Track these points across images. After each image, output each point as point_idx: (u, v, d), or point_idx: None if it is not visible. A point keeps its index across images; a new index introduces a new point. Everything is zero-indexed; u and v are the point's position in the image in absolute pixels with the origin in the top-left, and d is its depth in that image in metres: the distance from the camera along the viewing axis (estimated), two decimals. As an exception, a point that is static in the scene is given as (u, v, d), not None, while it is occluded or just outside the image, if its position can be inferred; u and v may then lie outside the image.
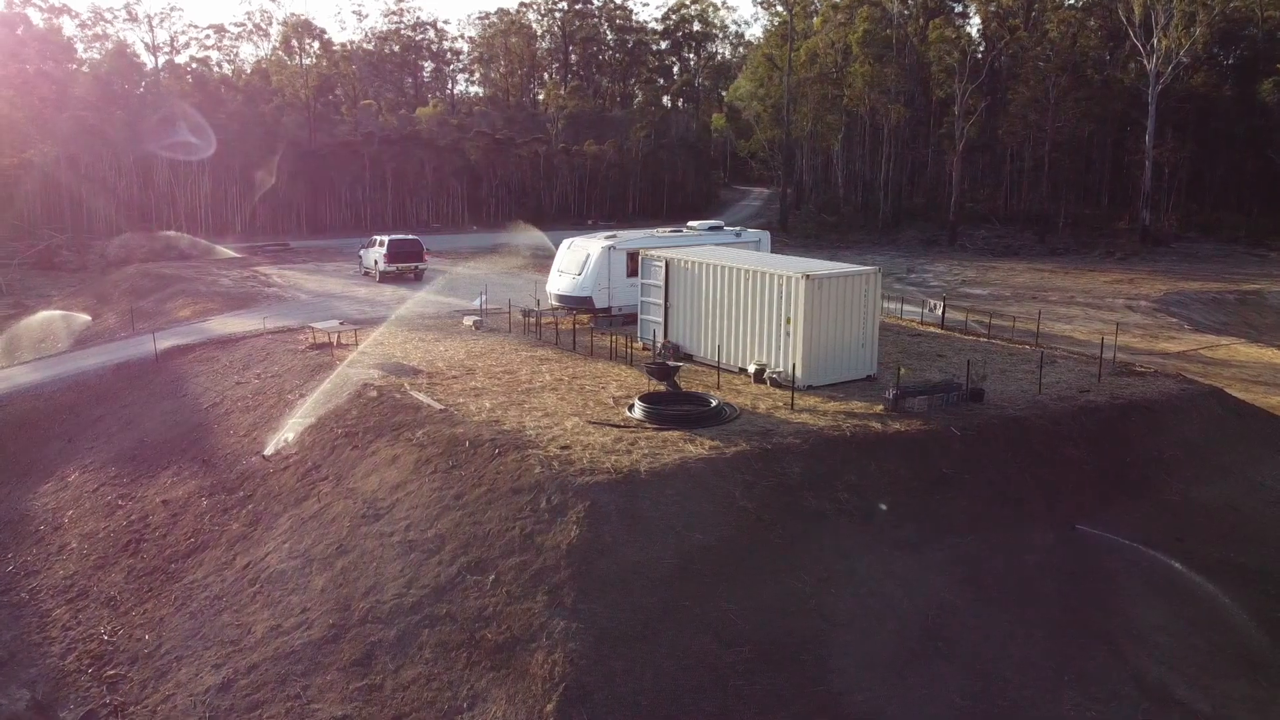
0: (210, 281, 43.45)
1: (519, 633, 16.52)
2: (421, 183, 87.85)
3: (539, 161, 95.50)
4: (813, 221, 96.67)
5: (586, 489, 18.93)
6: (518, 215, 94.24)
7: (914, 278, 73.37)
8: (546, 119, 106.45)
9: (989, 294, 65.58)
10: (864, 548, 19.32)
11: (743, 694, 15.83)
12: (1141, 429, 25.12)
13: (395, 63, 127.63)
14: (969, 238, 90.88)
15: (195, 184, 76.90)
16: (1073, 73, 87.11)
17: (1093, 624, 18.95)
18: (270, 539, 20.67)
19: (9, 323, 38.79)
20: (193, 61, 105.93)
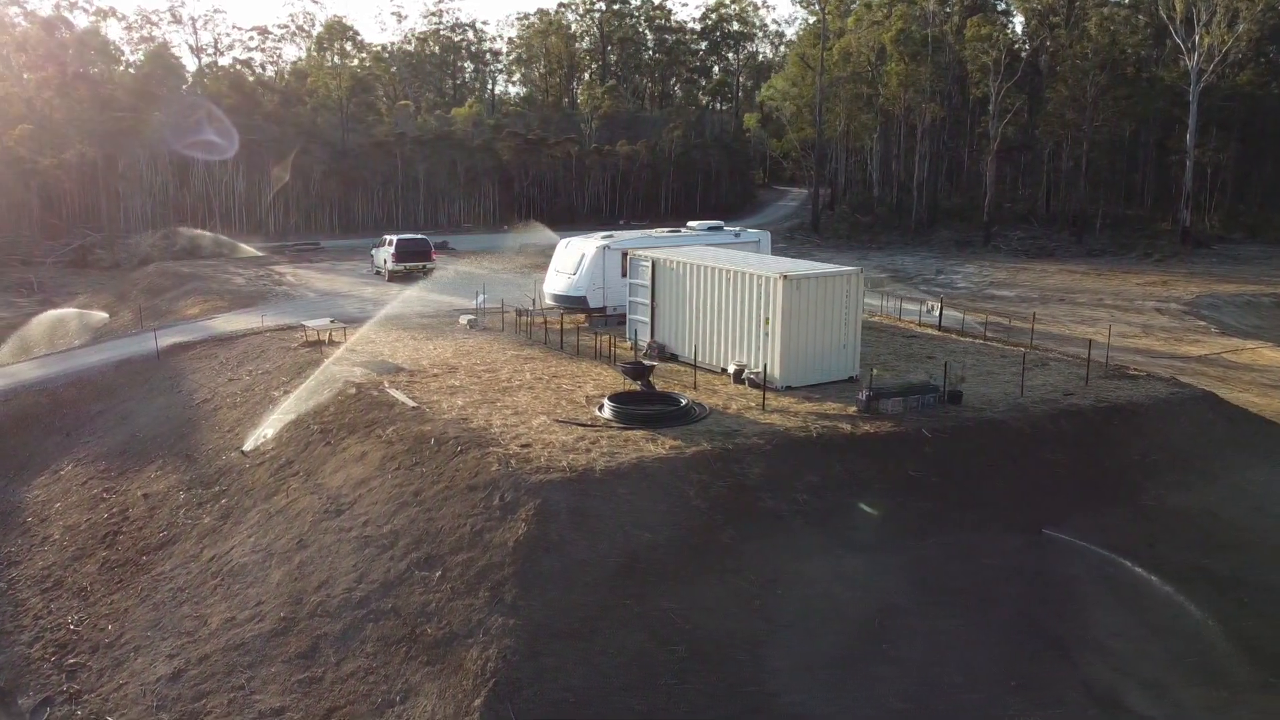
0: (224, 280, 44.25)
1: (458, 628, 16.70)
2: (453, 183, 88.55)
3: (571, 162, 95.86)
4: (846, 222, 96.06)
5: (539, 487, 19.08)
6: (549, 215, 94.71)
7: (942, 279, 72.73)
8: (581, 119, 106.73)
9: (1016, 296, 64.87)
10: (817, 549, 19.26)
11: (673, 693, 15.88)
12: (1124, 433, 24.76)
13: (434, 64, 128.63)
14: (1004, 239, 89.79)
15: (230, 184, 78.16)
16: (1112, 70, 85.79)
17: (1047, 629, 18.75)
18: (238, 533, 21.05)
19: (31, 320, 39.75)
20: (236, 63, 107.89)
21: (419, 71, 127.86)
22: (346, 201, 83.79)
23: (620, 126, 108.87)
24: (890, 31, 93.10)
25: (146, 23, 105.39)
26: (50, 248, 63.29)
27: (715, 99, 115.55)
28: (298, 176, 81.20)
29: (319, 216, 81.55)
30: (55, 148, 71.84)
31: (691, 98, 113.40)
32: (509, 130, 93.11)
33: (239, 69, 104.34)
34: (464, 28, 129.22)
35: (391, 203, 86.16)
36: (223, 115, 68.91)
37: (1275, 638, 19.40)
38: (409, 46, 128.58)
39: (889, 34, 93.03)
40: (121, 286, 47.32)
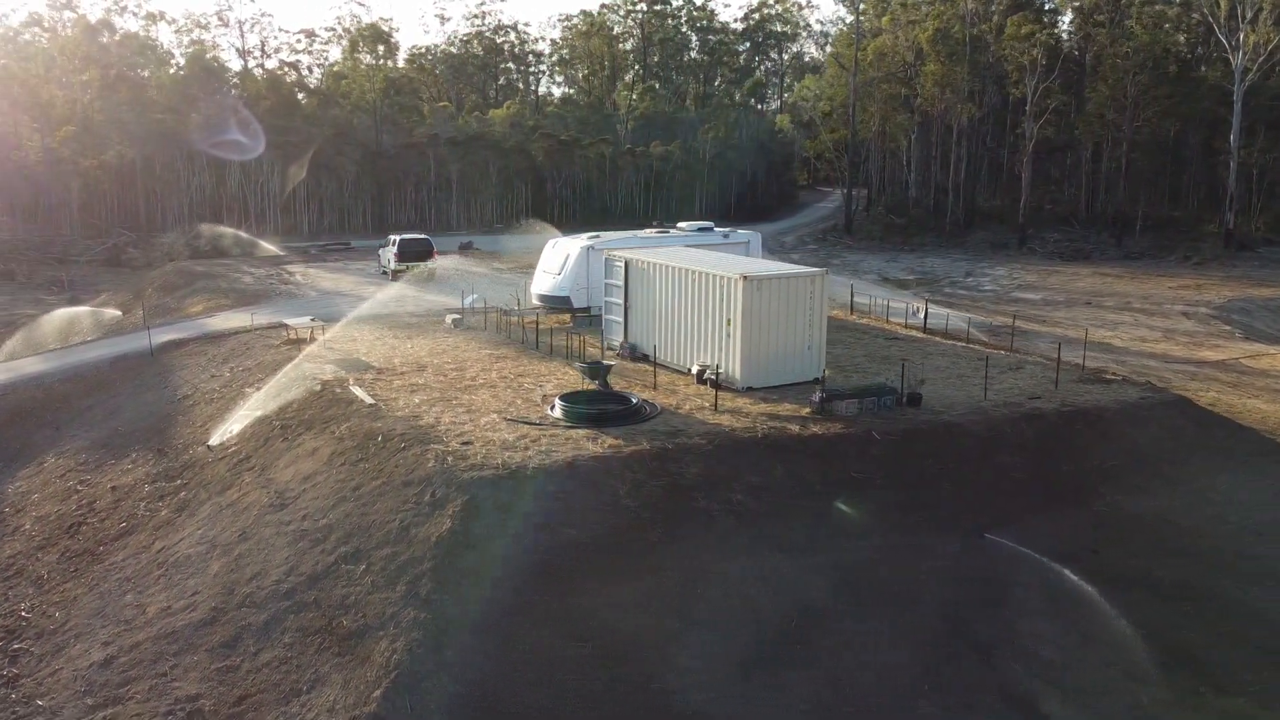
0: (233, 279, 45.21)
1: (371, 621, 17.02)
2: (486, 184, 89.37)
3: (605, 162, 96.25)
4: (880, 224, 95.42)
5: (469, 484, 19.36)
6: (583, 216, 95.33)
7: (970, 281, 72.02)
8: (617, 120, 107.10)
9: (1041, 299, 64.14)
10: (745, 550, 19.32)
11: (573, 689, 16.05)
12: (1086, 437, 24.46)
13: (476, 65, 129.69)
14: (1040, 241, 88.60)
15: (265, 184, 79.64)
16: (1153, 70, 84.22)
17: (973, 634, 18.63)
18: (189, 525, 21.60)
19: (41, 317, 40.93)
20: (283, 66, 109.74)
21: (461, 73, 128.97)
22: (380, 202, 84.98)
23: (658, 127, 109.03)
24: (927, 31, 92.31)
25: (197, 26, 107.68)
26: (86, 246, 64.95)
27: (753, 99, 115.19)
28: (332, 177, 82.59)
29: (352, 216, 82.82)
30: (96, 149, 73.76)
31: (729, 98, 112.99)
32: (542, 131, 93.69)
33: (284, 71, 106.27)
34: (506, 29, 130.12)
35: (425, 203, 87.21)
36: (251, 116, 70.20)
37: (1213, 646, 19.11)
38: (452, 49, 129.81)
39: (925, 33, 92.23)
40: (138, 284, 48.52)
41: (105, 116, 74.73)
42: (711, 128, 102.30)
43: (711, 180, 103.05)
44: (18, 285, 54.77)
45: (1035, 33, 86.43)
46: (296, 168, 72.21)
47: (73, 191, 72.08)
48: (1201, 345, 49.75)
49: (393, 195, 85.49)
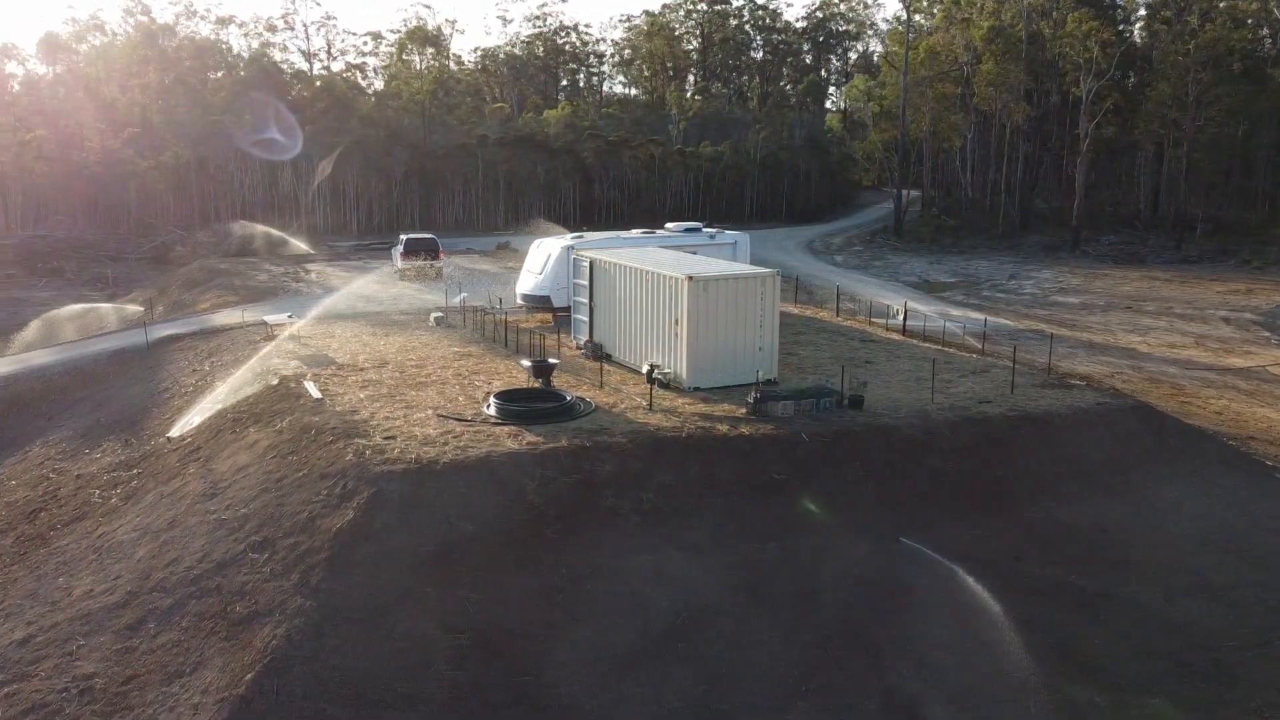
0: (249, 276, 46.55)
1: (261, 608, 17.61)
2: (534, 184, 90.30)
3: (654, 163, 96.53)
4: (931, 225, 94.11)
5: (378, 477, 19.87)
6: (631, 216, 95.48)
7: (1012, 284, 70.85)
8: (669, 120, 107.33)
9: (1080, 303, 63.02)
10: (645, 548, 19.50)
11: (444, 679, 16.43)
12: (1030, 443, 24.10)
13: (538, 66, 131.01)
14: (1095, 243, 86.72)
15: (318, 184, 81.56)
16: (1215, 67, 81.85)
17: (868, 637, 18.59)
18: (131, 513, 22.47)
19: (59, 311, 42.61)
20: (349, 67, 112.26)
21: (522, 74, 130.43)
22: (428, 202, 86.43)
23: (712, 128, 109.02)
24: (982, 29, 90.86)
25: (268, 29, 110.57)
26: (137, 245, 67.27)
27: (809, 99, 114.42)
28: (381, 177, 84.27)
29: (401, 216, 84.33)
30: (154, 150, 76.33)
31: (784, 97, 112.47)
32: (591, 132, 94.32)
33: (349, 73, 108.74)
34: (567, 30, 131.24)
35: (473, 203, 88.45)
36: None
37: (1121, 658, 18.83)
38: (515, 50, 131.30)
39: (980, 31, 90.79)
40: (165, 281, 50.23)
41: (163, 118, 77.25)
42: (763, 127, 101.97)
43: (762, 181, 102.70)
44: (65, 282, 57.00)
45: (1095, 29, 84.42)
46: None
47: (130, 191, 74.63)
48: (1232, 351, 48.47)
49: (441, 195, 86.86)
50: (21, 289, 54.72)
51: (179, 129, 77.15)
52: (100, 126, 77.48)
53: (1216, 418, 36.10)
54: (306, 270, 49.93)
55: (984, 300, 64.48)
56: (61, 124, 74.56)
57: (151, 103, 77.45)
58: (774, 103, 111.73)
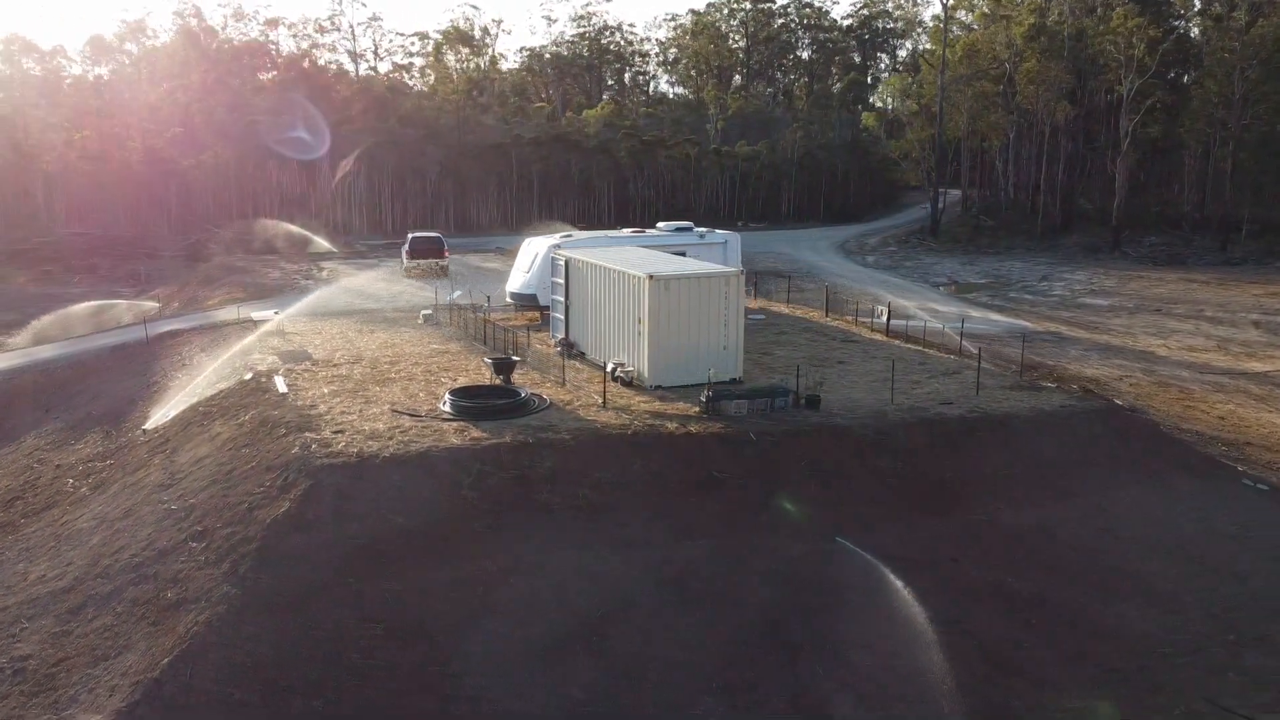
0: (262, 274, 47.59)
1: (190, 595, 18.16)
2: (568, 184, 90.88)
3: (689, 162, 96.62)
4: (968, 226, 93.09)
5: (318, 470, 20.36)
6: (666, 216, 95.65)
7: (1042, 286, 69.98)
8: (708, 119, 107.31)
9: (1109, 305, 62.17)
10: (575, 543, 19.76)
11: (353, 667, 16.84)
12: (985, 445, 23.96)
13: (581, 65, 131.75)
14: (1136, 244, 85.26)
15: (353, 183, 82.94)
16: (1263, 65, 79.98)
17: (788, 635, 18.68)
18: (95, 502, 23.23)
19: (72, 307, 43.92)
20: (395, 68, 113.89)
21: (566, 73, 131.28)
22: (463, 201, 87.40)
23: (753, 127, 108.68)
24: (1023, 26, 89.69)
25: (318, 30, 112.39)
26: (173, 242, 68.94)
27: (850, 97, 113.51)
28: (416, 177, 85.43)
29: (436, 215, 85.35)
30: (194, 150, 78.12)
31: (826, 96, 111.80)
32: (625, 131, 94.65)
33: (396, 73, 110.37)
34: (612, 30, 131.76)
35: (507, 203, 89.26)
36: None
37: (1045, 659, 18.75)
38: (560, 50, 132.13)
39: (1021, 28, 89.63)
40: (185, 278, 51.50)
41: (204, 119, 79.00)
42: (800, 126, 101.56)
43: (800, 180, 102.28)
44: (98, 278, 58.66)
45: (1141, 26, 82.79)
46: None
47: (170, 190, 76.47)
48: (1254, 355, 47.55)
49: (475, 195, 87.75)
50: (55, 285, 56.41)
51: (220, 129, 78.81)
52: (145, 127, 79.40)
53: (1219, 422, 35.49)
54: (320, 268, 50.91)
55: (1009, 302, 63.75)
56: (106, 124, 76.62)
57: (193, 103, 79.18)
58: (813, 101, 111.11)
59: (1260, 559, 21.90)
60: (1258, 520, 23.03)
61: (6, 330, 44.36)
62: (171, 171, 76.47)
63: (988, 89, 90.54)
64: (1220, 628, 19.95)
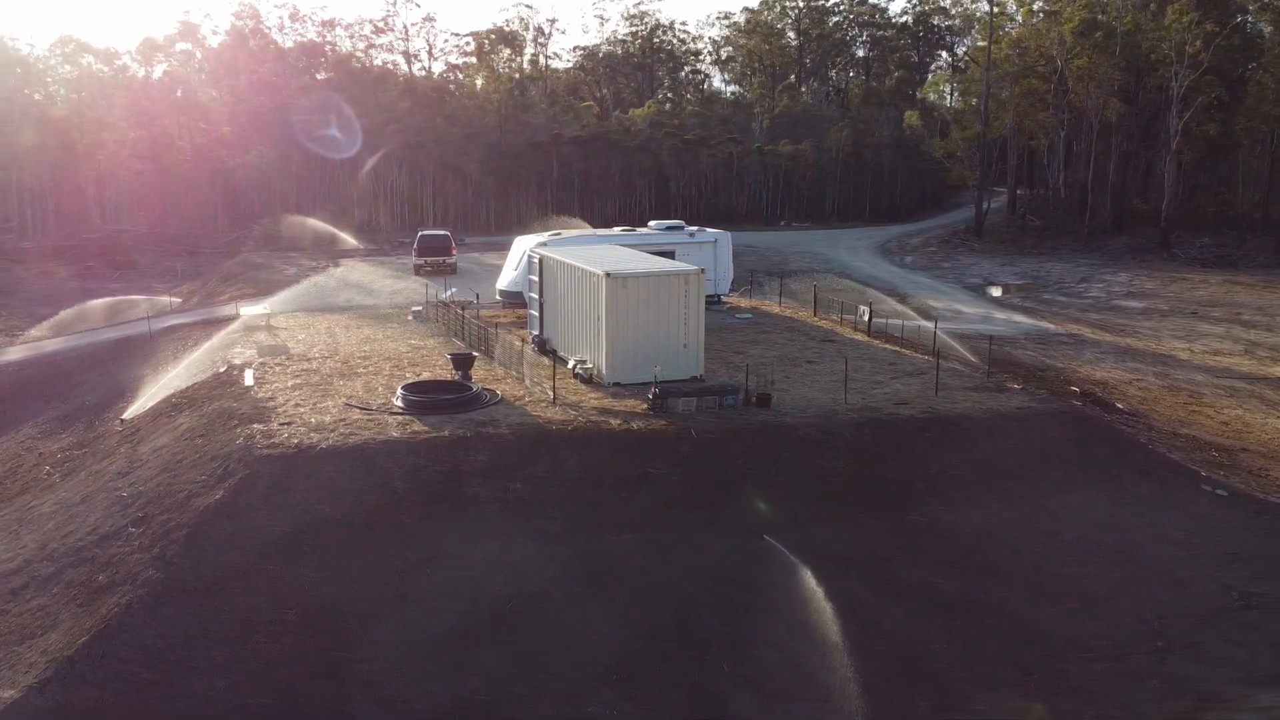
0: (277, 271, 48.71)
1: (118, 578, 18.83)
2: (609, 182, 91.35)
3: (732, 161, 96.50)
4: (1015, 226, 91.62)
5: (256, 460, 20.96)
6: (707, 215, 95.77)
7: (1079, 288, 68.83)
8: (754, 118, 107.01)
9: (1144, 308, 61.10)
10: (497, 535, 20.08)
11: (260, 651, 17.36)
12: (934, 446, 23.79)
13: (633, 64, 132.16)
14: (1187, 246, 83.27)
15: (395, 181, 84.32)
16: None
17: (699, 631, 18.82)
18: (62, 488, 24.11)
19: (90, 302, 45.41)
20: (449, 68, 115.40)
21: (618, 72, 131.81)
22: (504, 200, 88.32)
23: (801, 125, 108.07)
24: (1073, 21, 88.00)
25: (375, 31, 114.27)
26: (213, 239, 70.74)
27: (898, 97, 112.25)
28: (456, 175, 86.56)
29: (476, 214, 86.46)
30: (240, 149, 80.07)
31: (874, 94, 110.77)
32: (667, 130, 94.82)
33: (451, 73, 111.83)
34: (664, 29, 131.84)
35: (548, 202, 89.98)
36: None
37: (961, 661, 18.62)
38: (613, 49, 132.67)
39: (1071, 24, 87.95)
40: (209, 274, 52.92)
41: (250, 118, 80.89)
42: (845, 125, 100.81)
43: (845, 180, 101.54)
44: (137, 274, 60.46)
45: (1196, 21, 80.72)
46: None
47: (217, 188, 78.44)
48: (1278, 362, 46.30)
49: (516, 193, 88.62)
50: (95, 280, 58.28)
51: (265, 128, 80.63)
52: (194, 126, 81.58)
53: (1221, 428, 34.83)
54: (336, 265, 51.96)
55: (1040, 303, 62.75)
56: (157, 124, 78.83)
57: (240, 103, 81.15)
58: (863, 99, 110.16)
59: (1205, 566, 21.48)
60: (1209, 527, 22.56)
61: (37, 323, 46.02)
62: (218, 170, 78.46)
63: (1036, 86, 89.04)
64: (1150, 634, 19.63)
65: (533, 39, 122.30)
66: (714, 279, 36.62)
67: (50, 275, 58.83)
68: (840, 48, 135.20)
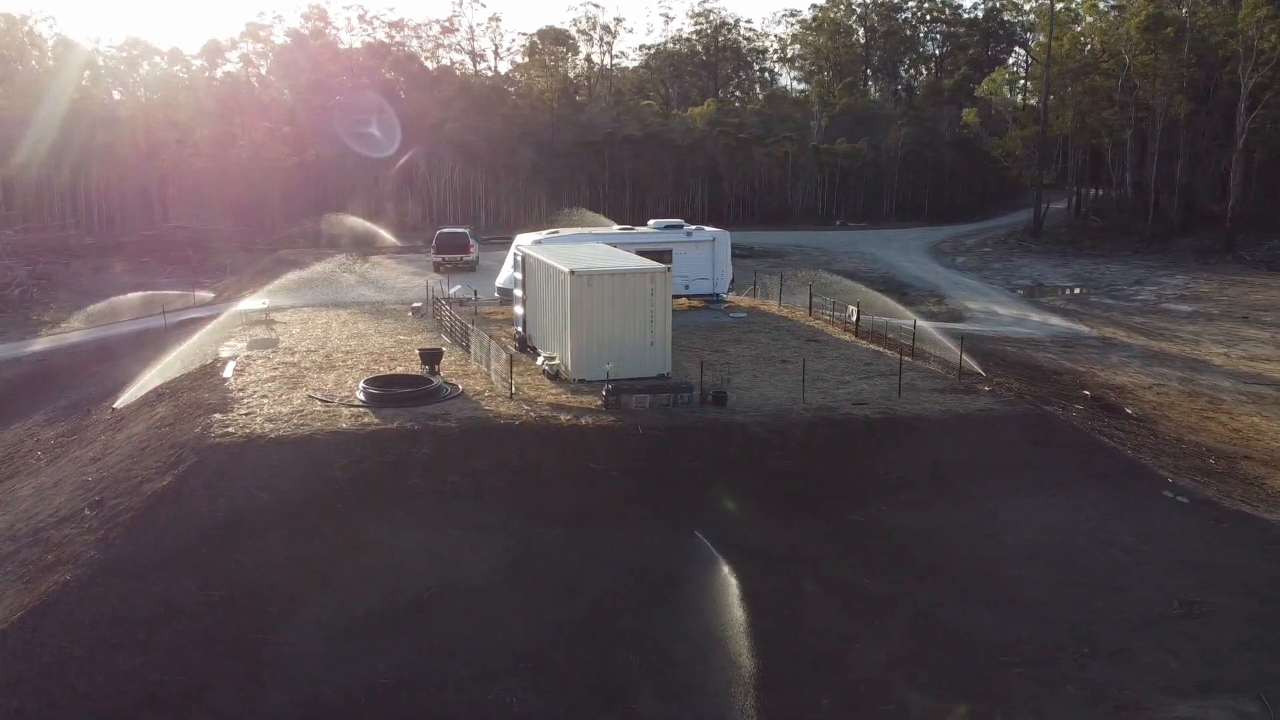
0: (306, 267, 49.92)
1: (64, 558, 19.71)
2: (661, 181, 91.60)
3: (787, 160, 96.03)
4: (1075, 227, 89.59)
5: (207, 448, 21.74)
6: (761, 215, 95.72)
7: (1129, 290, 67.24)
8: (812, 116, 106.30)
9: (1191, 311, 59.60)
10: (428, 525, 20.55)
11: (181, 629, 18.04)
12: (885, 446, 23.66)
13: (697, 63, 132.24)
14: (1254, 248, 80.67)
15: (447, 180, 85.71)
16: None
17: (615, 624, 19.09)
18: (45, 472, 25.24)
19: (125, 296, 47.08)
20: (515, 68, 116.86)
21: (682, 70, 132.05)
22: (555, 199, 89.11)
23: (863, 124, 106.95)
24: (1139, 16, 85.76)
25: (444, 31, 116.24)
26: (266, 236, 72.75)
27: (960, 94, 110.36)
28: (509, 174, 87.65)
29: (527, 213, 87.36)
30: (298, 147, 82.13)
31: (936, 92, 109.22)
32: (721, 129, 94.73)
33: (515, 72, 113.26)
34: (729, 27, 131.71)
35: (599, 201, 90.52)
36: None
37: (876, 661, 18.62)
38: (678, 47, 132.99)
39: (1137, 19, 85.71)
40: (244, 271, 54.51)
41: (309, 118, 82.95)
42: (905, 122, 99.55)
43: (903, 179, 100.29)
44: (189, 270, 62.43)
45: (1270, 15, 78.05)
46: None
47: (275, 186, 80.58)
48: (1319, 367, 44.85)
49: (567, 193, 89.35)
50: (147, 275, 60.35)
51: (323, 128, 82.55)
52: (255, 125, 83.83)
53: (1231, 435, 34.00)
54: (365, 262, 53.14)
55: (1084, 306, 61.42)
56: (220, 124, 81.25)
57: (299, 103, 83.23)
58: (926, 97, 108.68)
59: (1150, 572, 21.07)
60: (1161, 533, 22.09)
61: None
62: (276, 169, 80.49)
63: (1099, 83, 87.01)
64: (1078, 639, 19.35)
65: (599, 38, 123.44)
66: (712, 278, 36.75)
67: (105, 270, 61.12)
68: (909, 44, 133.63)
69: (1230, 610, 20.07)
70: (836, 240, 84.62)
